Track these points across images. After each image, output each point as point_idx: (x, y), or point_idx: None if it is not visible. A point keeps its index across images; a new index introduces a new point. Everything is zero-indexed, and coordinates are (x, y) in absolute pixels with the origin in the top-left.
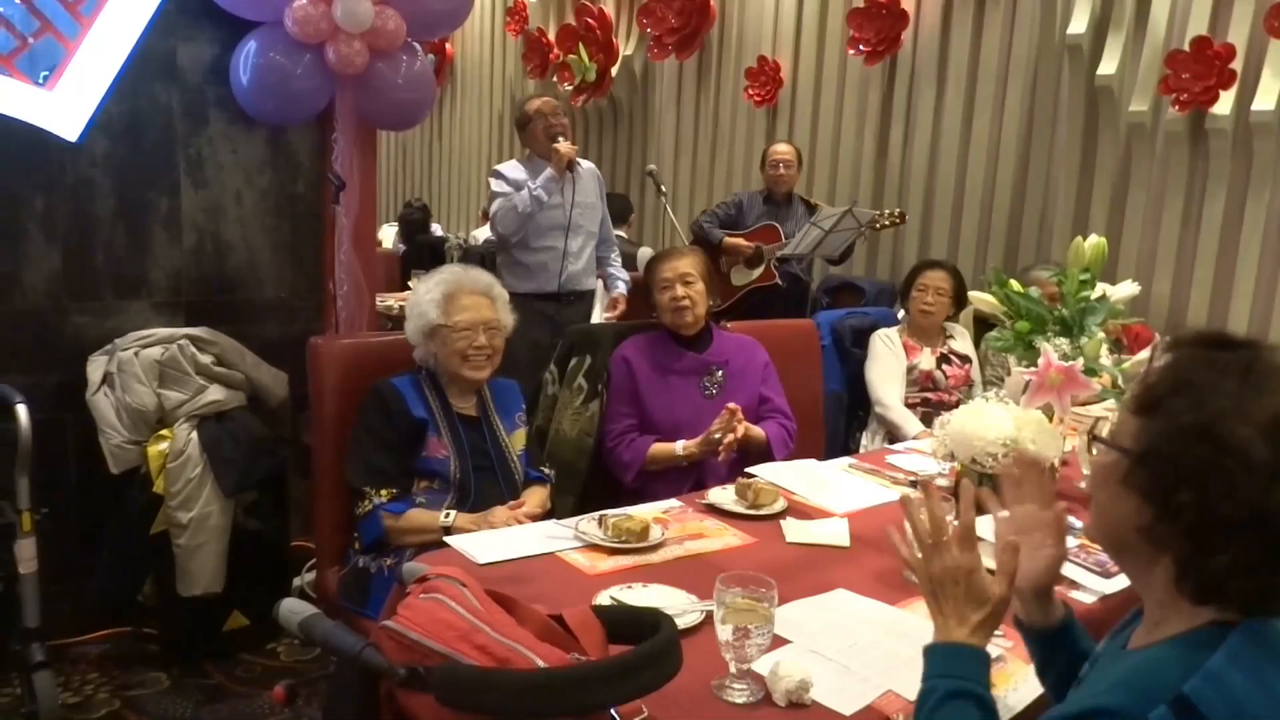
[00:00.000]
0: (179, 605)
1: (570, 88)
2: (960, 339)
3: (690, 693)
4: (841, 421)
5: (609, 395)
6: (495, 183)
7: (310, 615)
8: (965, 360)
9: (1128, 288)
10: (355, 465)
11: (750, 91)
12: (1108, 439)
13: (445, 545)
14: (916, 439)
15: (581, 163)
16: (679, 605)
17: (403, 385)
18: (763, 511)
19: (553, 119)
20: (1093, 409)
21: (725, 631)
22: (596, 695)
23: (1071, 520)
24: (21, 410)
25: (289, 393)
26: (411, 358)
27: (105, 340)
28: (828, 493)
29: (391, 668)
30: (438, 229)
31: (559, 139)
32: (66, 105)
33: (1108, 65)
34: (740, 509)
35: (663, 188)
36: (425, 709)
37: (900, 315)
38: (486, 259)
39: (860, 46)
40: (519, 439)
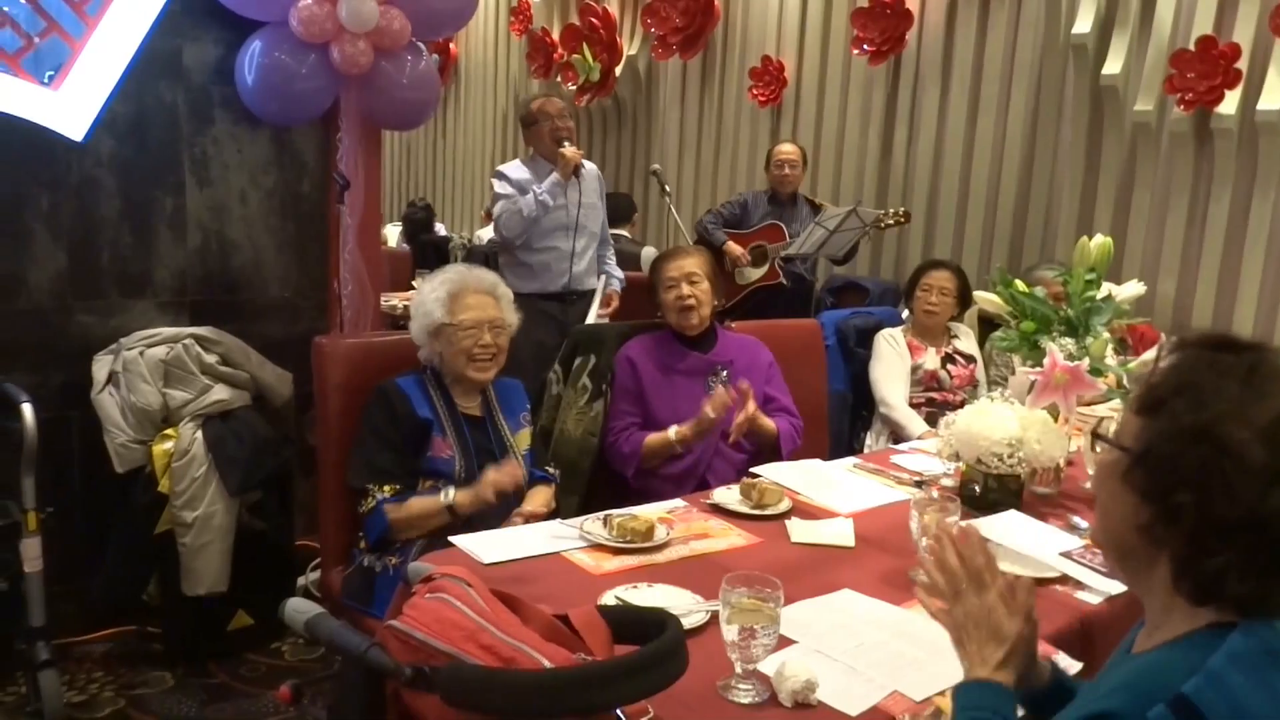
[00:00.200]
0: (184, 604)
1: (574, 87)
2: (965, 339)
3: (695, 693)
4: (846, 421)
5: (613, 395)
6: (498, 184)
7: (316, 615)
8: (970, 360)
9: (1133, 288)
10: (358, 465)
11: (754, 91)
12: (1110, 438)
13: (449, 542)
14: (921, 439)
15: (585, 164)
16: (684, 605)
17: (407, 385)
18: (767, 511)
19: (559, 122)
20: (1098, 409)
21: (731, 632)
22: (602, 695)
23: (1078, 521)
24: (27, 409)
25: (293, 392)
26: (416, 357)
27: (110, 339)
28: (833, 493)
29: (397, 667)
30: (441, 229)
31: (565, 143)
32: (72, 105)
33: (1113, 65)
34: (745, 509)
35: (667, 187)
36: (431, 709)
37: (904, 315)
38: (490, 259)
39: (864, 46)
40: (524, 439)
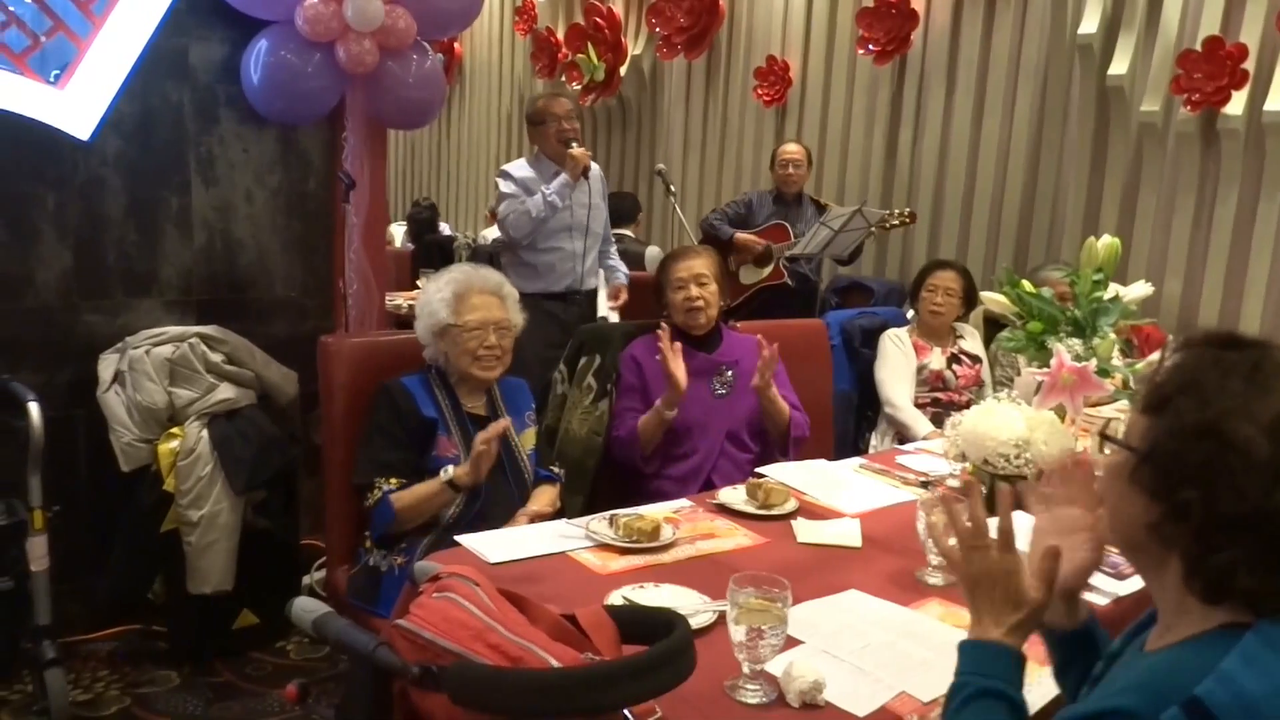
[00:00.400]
0: (189, 603)
1: (579, 87)
2: (970, 339)
3: (703, 693)
4: (851, 422)
5: (618, 394)
6: (503, 183)
7: (323, 614)
8: (975, 360)
9: (1140, 288)
10: (364, 463)
11: (759, 91)
12: (1117, 438)
13: (455, 542)
14: (926, 439)
15: (591, 166)
16: (691, 605)
17: (412, 385)
18: (773, 512)
19: (566, 123)
20: (1105, 410)
21: (739, 632)
22: (610, 695)
23: None
24: (33, 408)
25: (299, 391)
26: (421, 357)
27: (116, 338)
28: (839, 493)
29: (405, 666)
30: (446, 228)
31: (572, 144)
32: (78, 104)
33: (1119, 65)
34: (751, 509)
35: (671, 187)
36: (438, 708)
37: (910, 315)
38: (495, 258)
39: (870, 46)
40: (529, 438)
